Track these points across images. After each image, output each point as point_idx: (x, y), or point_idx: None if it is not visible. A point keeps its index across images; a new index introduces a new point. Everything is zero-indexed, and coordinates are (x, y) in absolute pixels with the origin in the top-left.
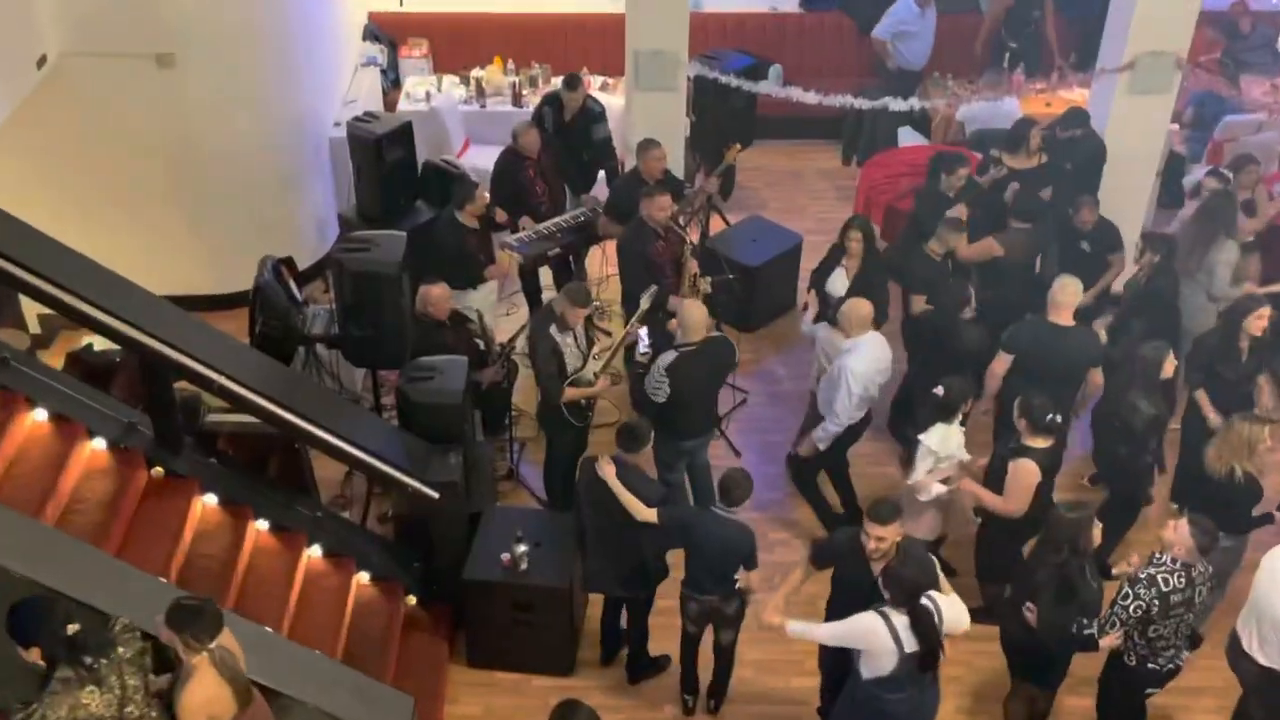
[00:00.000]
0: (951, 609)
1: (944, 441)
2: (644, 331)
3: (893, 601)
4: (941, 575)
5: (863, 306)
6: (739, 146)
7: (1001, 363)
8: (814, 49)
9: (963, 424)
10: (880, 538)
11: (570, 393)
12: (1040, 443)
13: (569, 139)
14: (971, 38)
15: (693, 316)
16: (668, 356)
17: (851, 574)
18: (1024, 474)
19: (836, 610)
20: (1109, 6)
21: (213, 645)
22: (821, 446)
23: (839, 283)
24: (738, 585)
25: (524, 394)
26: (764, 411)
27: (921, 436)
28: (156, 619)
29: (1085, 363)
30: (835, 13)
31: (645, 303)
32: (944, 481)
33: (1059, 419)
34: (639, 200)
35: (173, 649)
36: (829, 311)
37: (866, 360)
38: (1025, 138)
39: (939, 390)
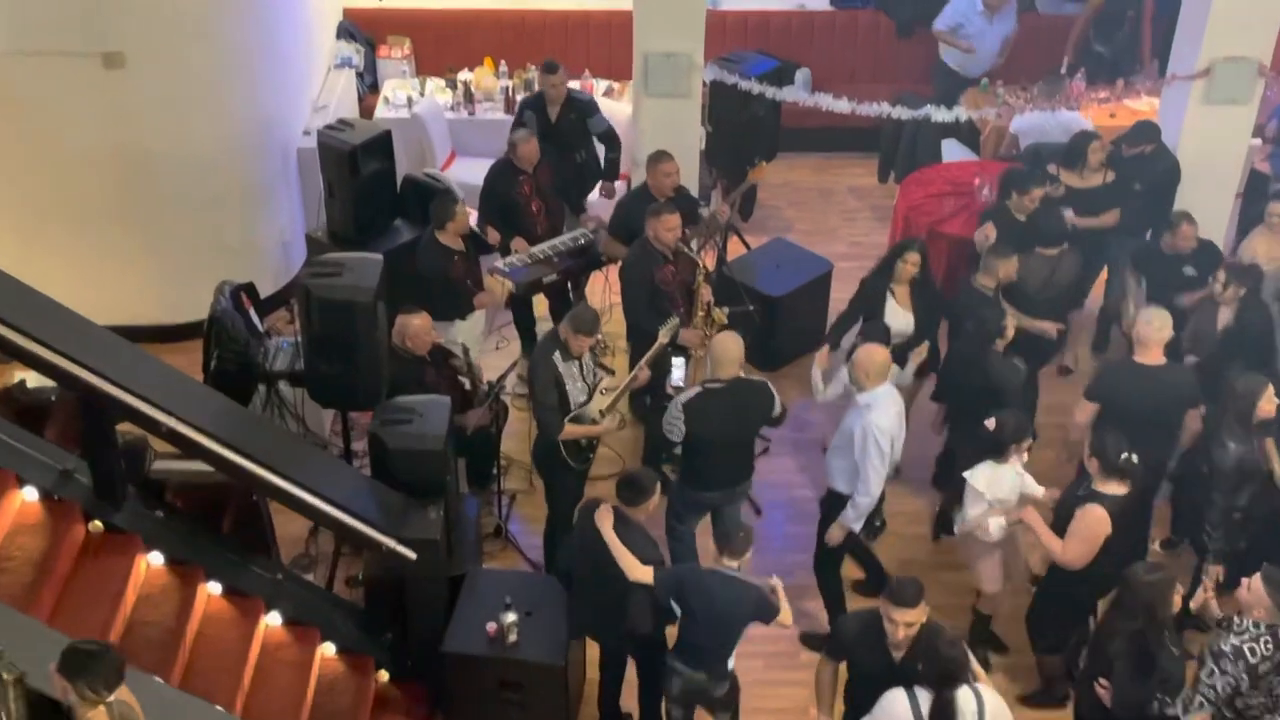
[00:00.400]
0: (995, 704)
1: (994, 483)
2: (680, 362)
3: (923, 678)
4: (978, 666)
5: (878, 353)
6: (764, 165)
7: (1085, 411)
8: (846, 51)
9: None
10: (907, 623)
11: (571, 429)
12: (1114, 488)
13: (557, 141)
14: (1028, 40)
15: (724, 350)
16: (689, 392)
17: (870, 664)
18: (1091, 521)
19: (859, 701)
20: (1181, 6)
21: (111, 699)
22: (856, 528)
23: (898, 316)
24: (771, 585)
25: (515, 440)
26: (788, 462)
27: (968, 475)
28: (50, 667)
29: (1180, 406)
30: (871, 10)
31: (664, 337)
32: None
33: (1134, 459)
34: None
35: (66, 705)
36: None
37: (890, 415)
38: (1084, 153)
39: (989, 423)
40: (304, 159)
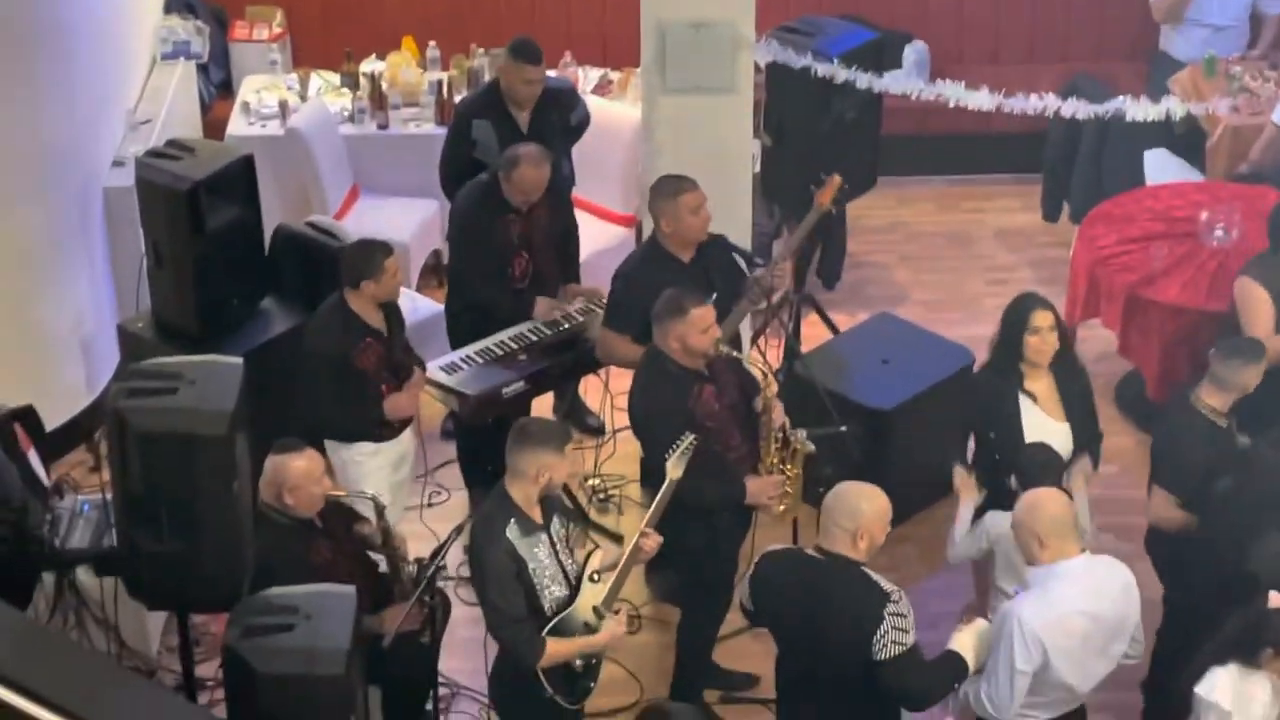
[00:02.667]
0: None
1: (1243, 699)
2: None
3: None
4: None
5: (1052, 504)
6: (838, 183)
7: None
8: (984, 13)
9: None
10: None
11: (556, 649)
12: None
13: None
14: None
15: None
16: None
17: None
18: None
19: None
20: None
21: None
22: (971, 698)
23: (1044, 428)
24: None
25: (463, 653)
26: None
27: (1200, 689)
28: None
29: None
30: None
31: (675, 470)
32: None
33: None
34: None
35: None
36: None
37: (1059, 610)
38: None
39: (1236, 626)
40: (114, 205)
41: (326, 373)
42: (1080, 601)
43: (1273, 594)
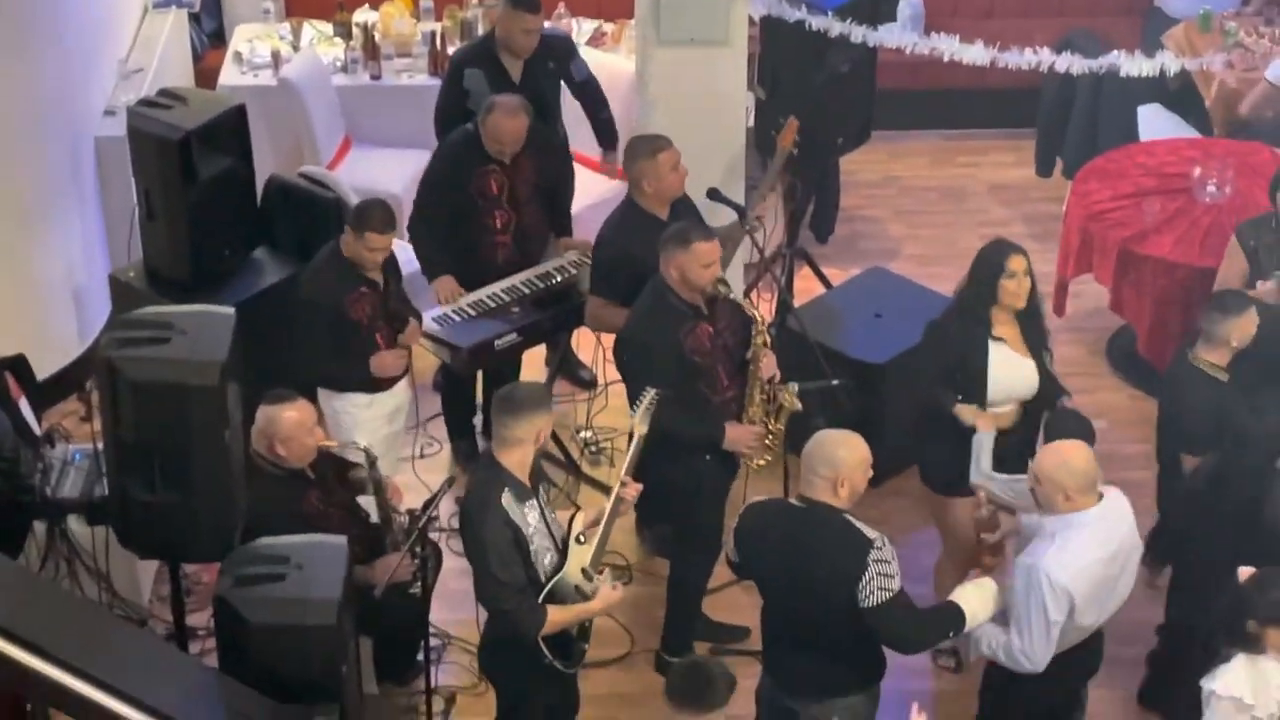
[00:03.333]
0: None
1: (1257, 685)
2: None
3: None
4: None
5: (1076, 456)
6: (796, 126)
7: None
8: None
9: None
10: None
11: (557, 616)
12: None
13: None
14: None
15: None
16: None
17: None
18: None
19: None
20: None
21: None
22: (1001, 655)
23: (1013, 369)
24: None
25: (453, 605)
26: None
27: (1215, 686)
28: None
29: None
30: None
31: (641, 424)
32: None
33: None
34: (650, 253)
35: None
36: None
37: (1082, 559)
38: None
39: (1244, 574)
40: (105, 155)
41: (320, 322)
42: (1098, 549)
43: (1242, 570)
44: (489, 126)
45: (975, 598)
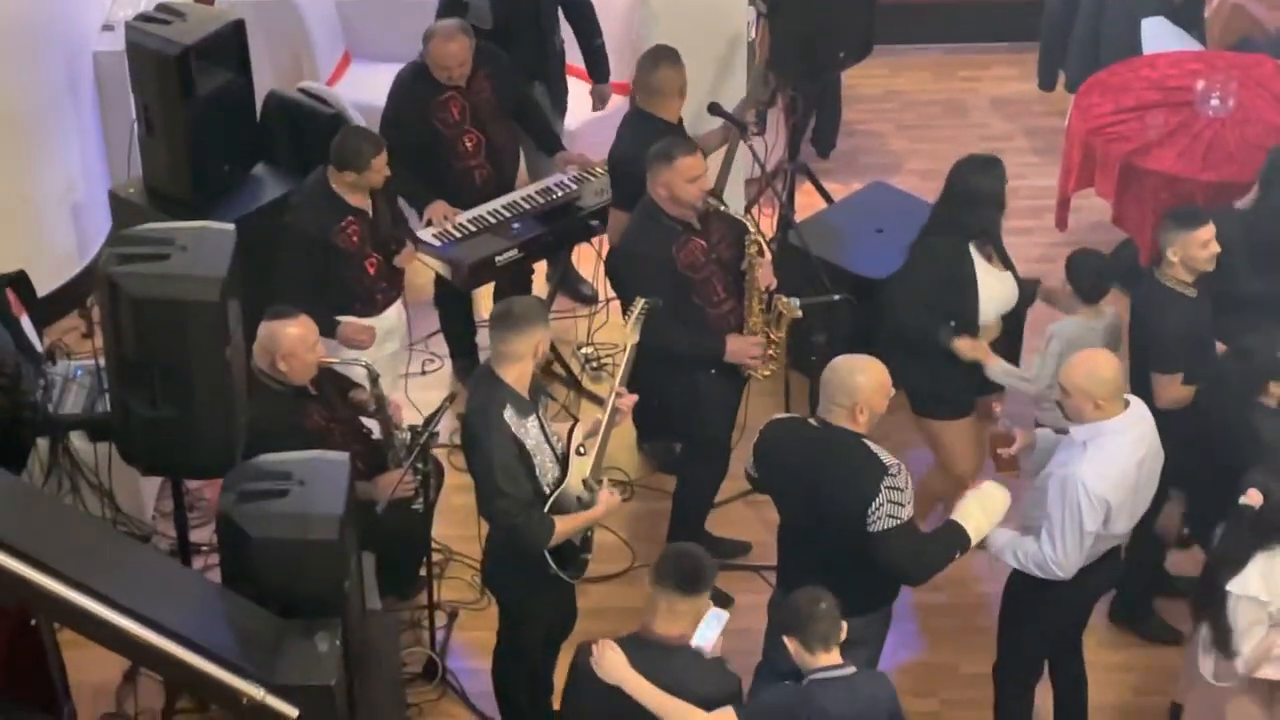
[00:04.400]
0: None
1: (1272, 581)
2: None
3: None
4: None
5: (1103, 365)
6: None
7: None
8: None
9: None
10: None
11: (563, 526)
12: None
13: (519, 30)
14: None
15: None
16: None
17: None
18: None
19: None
20: None
21: None
22: (1032, 566)
23: (995, 284)
24: None
25: (455, 520)
26: None
27: (1232, 586)
28: None
29: None
30: None
31: (633, 333)
32: None
33: None
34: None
35: None
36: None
37: (1116, 467)
38: None
39: (1250, 499)
40: (104, 70)
41: (306, 251)
42: (1130, 455)
43: (1245, 497)
44: (432, 55)
45: (977, 511)
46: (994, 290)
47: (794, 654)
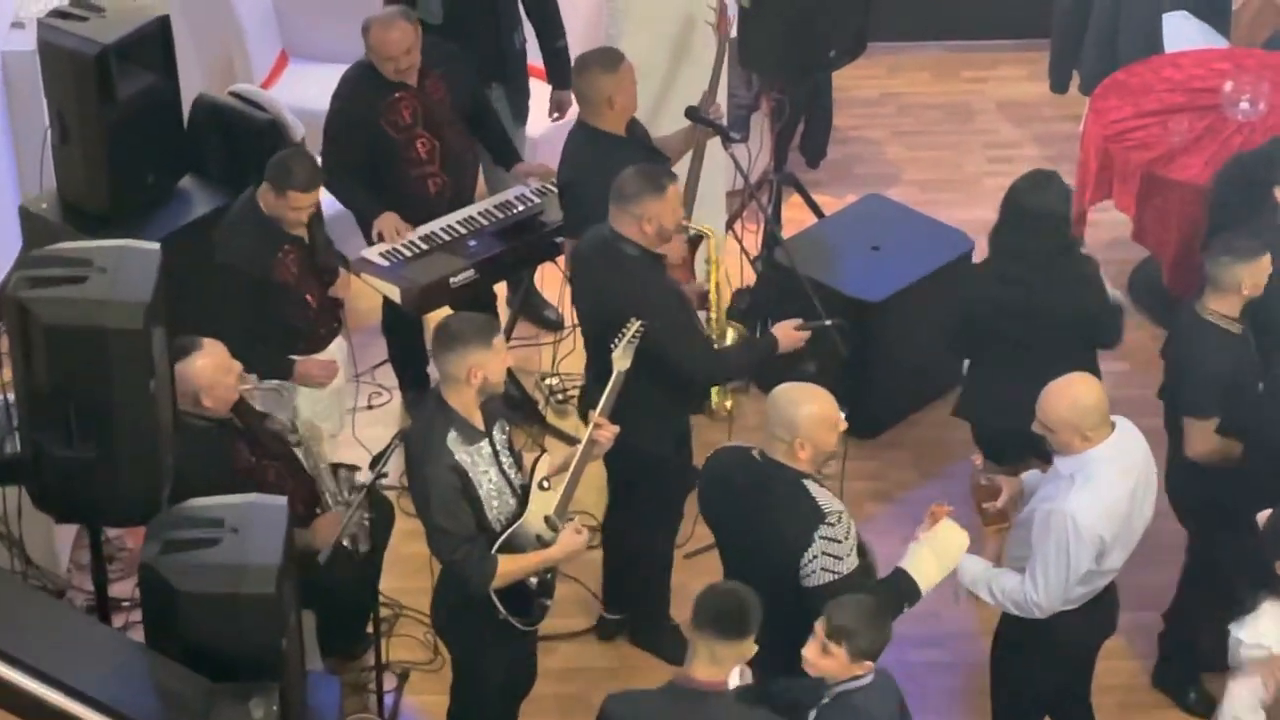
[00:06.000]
0: None
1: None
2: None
3: None
4: None
5: (1085, 391)
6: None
7: None
8: None
9: None
10: None
11: (509, 566)
12: None
13: (471, 25)
14: None
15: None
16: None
17: None
18: None
19: None
20: None
21: None
22: (1008, 604)
23: None
24: None
25: (406, 570)
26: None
27: (1235, 628)
28: None
29: None
30: None
31: (622, 360)
32: None
33: None
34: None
35: None
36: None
37: (1107, 498)
38: None
39: (1262, 517)
40: (13, 72)
41: (241, 289)
42: (1120, 483)
43: (1260, 514)
44: (373, 47)
45: (929, 557)
46: None
47: (833, 659)
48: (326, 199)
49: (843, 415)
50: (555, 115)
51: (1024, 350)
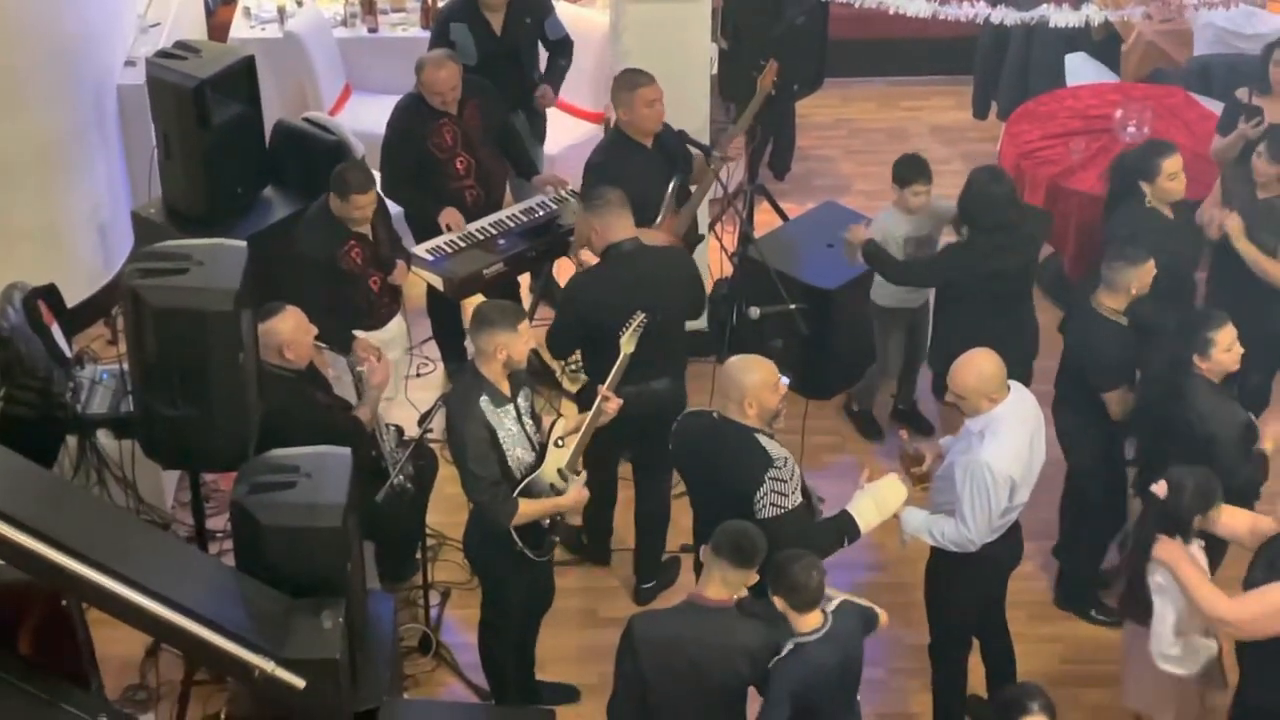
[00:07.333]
0: None
1: (1186, 653)
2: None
3: None
4: None
5: (986, 363)
6: (776, 68)
7: None
8: None
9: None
10: None
11: (527, 509)
12: None
13: (505, 65)
14: None
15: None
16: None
17: None
18: None
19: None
20: None
21: None
22: (948, 544)
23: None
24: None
25: (448, 508)
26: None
27: (1159, 578)
28: None
29: None
30: None
31: (629, 344)
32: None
33: None
34: (632, 175)
35: None
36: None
37: (1011, 446)
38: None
39: (1158, 488)
40: (127, 102)
41: (314, 274)
42: (1022, 433)
43: (1154, 486)
44: (425, 83)
45: (870, 505)
46: None
47: (779, 610)
48: (394, 208)
49: (784, 379)
50: (541, 100)
51: (989, 302)
